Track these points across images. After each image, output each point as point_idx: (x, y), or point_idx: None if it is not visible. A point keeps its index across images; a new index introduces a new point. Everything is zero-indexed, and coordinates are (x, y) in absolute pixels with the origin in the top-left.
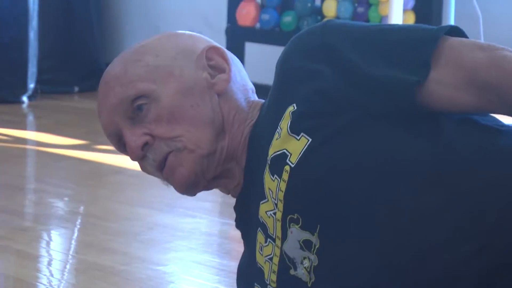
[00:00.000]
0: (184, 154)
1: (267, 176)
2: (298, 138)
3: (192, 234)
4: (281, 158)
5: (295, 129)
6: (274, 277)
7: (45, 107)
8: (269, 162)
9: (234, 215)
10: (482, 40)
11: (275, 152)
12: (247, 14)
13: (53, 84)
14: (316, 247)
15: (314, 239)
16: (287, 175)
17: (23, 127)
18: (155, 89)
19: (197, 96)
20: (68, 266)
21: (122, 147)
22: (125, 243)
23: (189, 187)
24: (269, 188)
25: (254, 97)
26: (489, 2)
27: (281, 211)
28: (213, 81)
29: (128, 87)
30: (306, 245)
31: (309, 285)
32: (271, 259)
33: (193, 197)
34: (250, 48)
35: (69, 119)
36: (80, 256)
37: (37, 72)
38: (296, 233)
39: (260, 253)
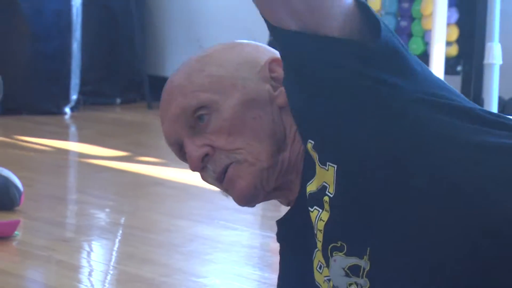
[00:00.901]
0: (244, 167)
1: (309, 209)
2: (327, 168)
3: (233, 247)
4: (321, 190)
5: (323, 162)
6: None
7: (87, 118)
8: (307, 198)
9: (275, 228)
10: None
11: (315, 189)
12: None
13: (95, 95)
14: (366, 270)
15: (363, 262)
16: (328, 206)
17: (65, 138)
18: (217, 100)
19: (259, 108)
20: (109, 277)
21: (183, 156)
22: (165, 254)
23: (249, 199)
24: (312, 217)
25: None
26: None
27: (320, 241)
28: (275, 94)
29: (190, 97)
30: (352, 270)
31: None
32: (329, 280)
33: (233, 208)
34: None
35: (110, 130)
36: (121, 267)
37: (80, 83)
38: (340, 261)
39: (318, 271)
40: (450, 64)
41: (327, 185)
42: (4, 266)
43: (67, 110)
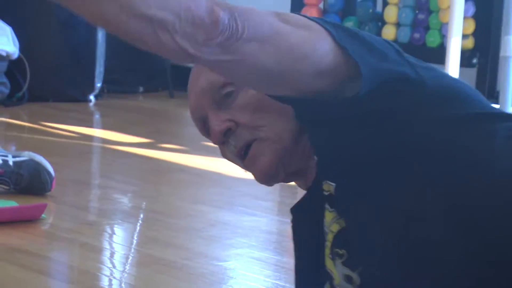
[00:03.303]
0: (267, 144)
1: (327, 205)
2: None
3: (252, 232)
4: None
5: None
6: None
7: (111, 106)
8: (326, 195)
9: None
10: None
11: (329, 190)
12: None
13: (119, 84)
14: (357, 284)
15: (355, 275)
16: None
17: (89, 124)
18: None
19: None
20: (130, 259)
21: (206, 131)
22: (187, 238)
23: (269, 177)
24: (326, 216)
25: None
26: None
27: (330, 242)
28: None
29: None
30: (347, 280)
31: None
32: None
33: (255, 193)
34: None
35: (133, 118)
36: (143, 250)
37: (104, 72)
38: (340, 267)
39: (330, 257)
40: (466, 57)
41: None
42: (31, 248)
43: (92, 97)
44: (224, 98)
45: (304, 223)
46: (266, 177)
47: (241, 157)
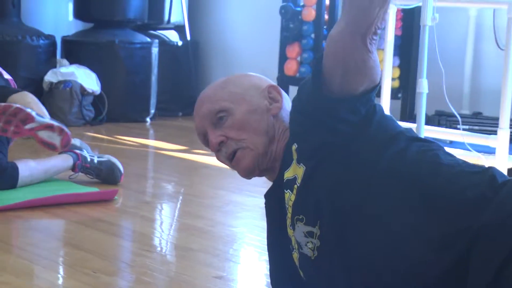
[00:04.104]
0: (247, 152)
1: (284, 190)
2: (299, 166)
3: (254, 208)
4: (293, 180)
5: (298, 161)
6: (297, 246)
7: (161, 125)
8: (284, 182)
9: None
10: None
11: (290, 176)
12: (290, 68)
13: (166, 110)
14: (317, 235)
15: (315, 229)
16: (295, 191)
17: (146, 137)
18: (232, 107)
19: (259, 115)
20: (173, 226)
21: (206, 142)
22: (211, 212)
23: (248, 174)
24: (285, 196)
25: None
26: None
27: (290, 213)
28: (270, 107)
29: (216, 103)
30: (308, 234)
31: (312, 258)
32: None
33: (254, 183)
34: (293, 89)
35: (175, 132)
36: (182, 220)
37: (156, 102)
38: (301, 227)
39: (290, 228)
40: (394, 92)
41: (297, 177)
42: (107, 218)
43: (148, 119)
44: (219, 120)
45: (273, 204)
46: (246, 173)
47: (230, 160)
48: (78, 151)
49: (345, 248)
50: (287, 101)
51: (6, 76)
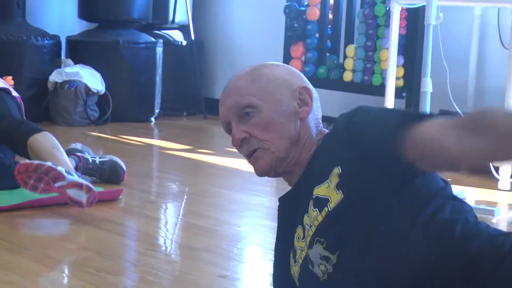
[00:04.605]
0: (267, 153)
1: (311, 206)
2: (338, 192)
3: (258, 207)
4: (325, 200)
5: (338, 187)
6: (300, 261)
7: (165, 125)
8: (313, 197)
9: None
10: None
11: (321, 195)
12: (295, 67)
13: (170, 110)
14: (333, 262)
15: (333, 257)
16: (325, 213)
17: (151, 137)
18: (261, 105)
19: (286, 117)
20: (178, 225)
21: (228, 130)
22: (215, 212)
23: (263, 174)
24: (311, 213)
25: (322, 126)
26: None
27: (312, 232)
28: (299, 110)
29: (244, 97)
30: (325, 259)
31: (320, 279)
32: (302, 250)
33: (259, 182)
34: None
35: (180, 132)
36: (186, 219)
37: (161, 102)
38: (319, 249)
39: (297, 240)
40: (398, 92)
41: (330, 200)
42: (112, 218)
43: (152, 119)
44: (245, 115)
45: (287, 210)
46: (261, 173)
47: (249, 157)
48: (79, 154)
49: (357, 284)
50: (317, 105)
51: (14, 93)
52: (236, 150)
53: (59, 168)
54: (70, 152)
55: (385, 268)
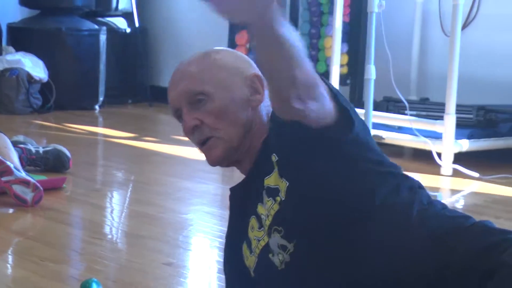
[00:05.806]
0: (220, 142)
1: (264, 195)
2: (282, 180)
3: (204, 195)
4: (275, 190)
5: (281, 175)
6: (257, 251)
7: (109, 112)
8: (265, 188)
9: (232, 183)
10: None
11: (272, 185)
12: None
13: (115, 97)
14: (290, 251)
15: (290, 246)
16: (279, 202)
17: (95, 125)
18: (213, 92)
19: (239, 105)
20: (123, 214)
21: (179, 118)
22: (162, 200)
23: (217, 163)
24: (266, 202)
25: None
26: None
27: (270, 221)
28: (251, 98)
29: (197, 84)
30: (282, 247)
31: (279, 269)
32: (259, 240)
33: (205, 170)
34: None
35: (124, 120)
36: (132, 207)
37: (105, 89)
38: (277, 239)
39: (251, 231)
40: (343, 79)
41: (280, 189)
42: (56, 206)
43: (97, 107)
44: (197, 102)
45: (238, 200)
46: (214, 163)
47: (201, 146)
48: (22, 145)
49: (314, 272)
50: (267, 93)
51: None
52: (182, 138)
53: (8, 162)
54: (12, 145)
55: (343, 256)
